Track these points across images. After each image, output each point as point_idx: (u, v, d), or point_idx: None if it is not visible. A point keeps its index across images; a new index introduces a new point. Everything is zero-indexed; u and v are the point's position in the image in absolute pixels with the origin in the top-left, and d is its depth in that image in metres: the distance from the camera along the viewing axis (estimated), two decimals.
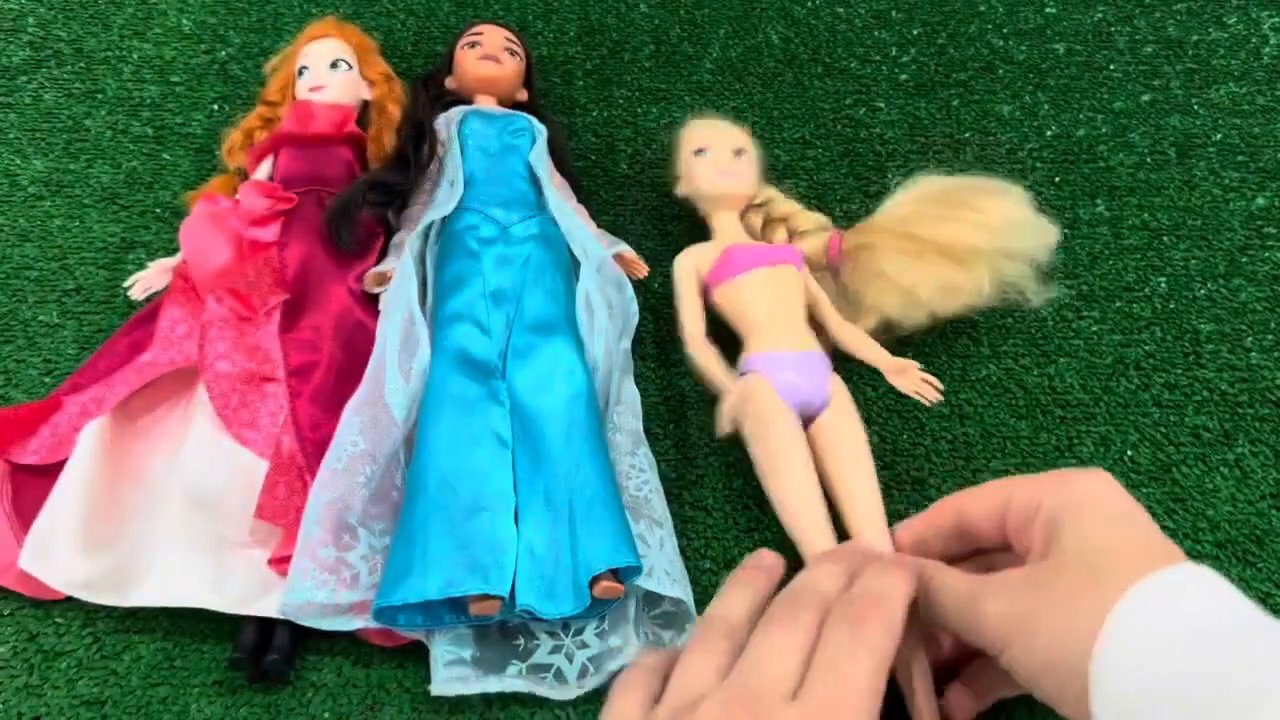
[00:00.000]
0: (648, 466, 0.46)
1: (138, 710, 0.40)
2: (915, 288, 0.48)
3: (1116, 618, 0.28)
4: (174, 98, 0.66)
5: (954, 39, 0.68)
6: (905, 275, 0.48)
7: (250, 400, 0.47)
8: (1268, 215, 0.57)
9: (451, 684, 0.40)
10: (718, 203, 0.54)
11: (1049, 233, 0.50)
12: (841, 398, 0.46)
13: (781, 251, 0.51)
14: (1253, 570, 0.44)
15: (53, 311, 0.54)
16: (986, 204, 0.48)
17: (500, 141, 0.56)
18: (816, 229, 0.54)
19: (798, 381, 0.45)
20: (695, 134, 0.56)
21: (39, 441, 0.46)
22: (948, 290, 0.49)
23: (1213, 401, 0.50)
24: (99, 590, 0.41)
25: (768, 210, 0.55)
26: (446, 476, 0.42)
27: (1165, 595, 0.28)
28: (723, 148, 0.54)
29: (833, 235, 0.53)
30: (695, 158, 0.54)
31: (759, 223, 0.55)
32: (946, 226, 0.48)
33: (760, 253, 0.51)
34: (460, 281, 0.50)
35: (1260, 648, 0.26)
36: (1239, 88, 0.63)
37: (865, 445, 0.45)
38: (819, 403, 0.46)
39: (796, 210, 0.55)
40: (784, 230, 0.54)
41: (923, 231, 0.48)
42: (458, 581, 0.39)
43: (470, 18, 0.70)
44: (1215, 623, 0.27)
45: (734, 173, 0.53)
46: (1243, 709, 0.25)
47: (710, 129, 0.56)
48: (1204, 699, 0.26)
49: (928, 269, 0.48)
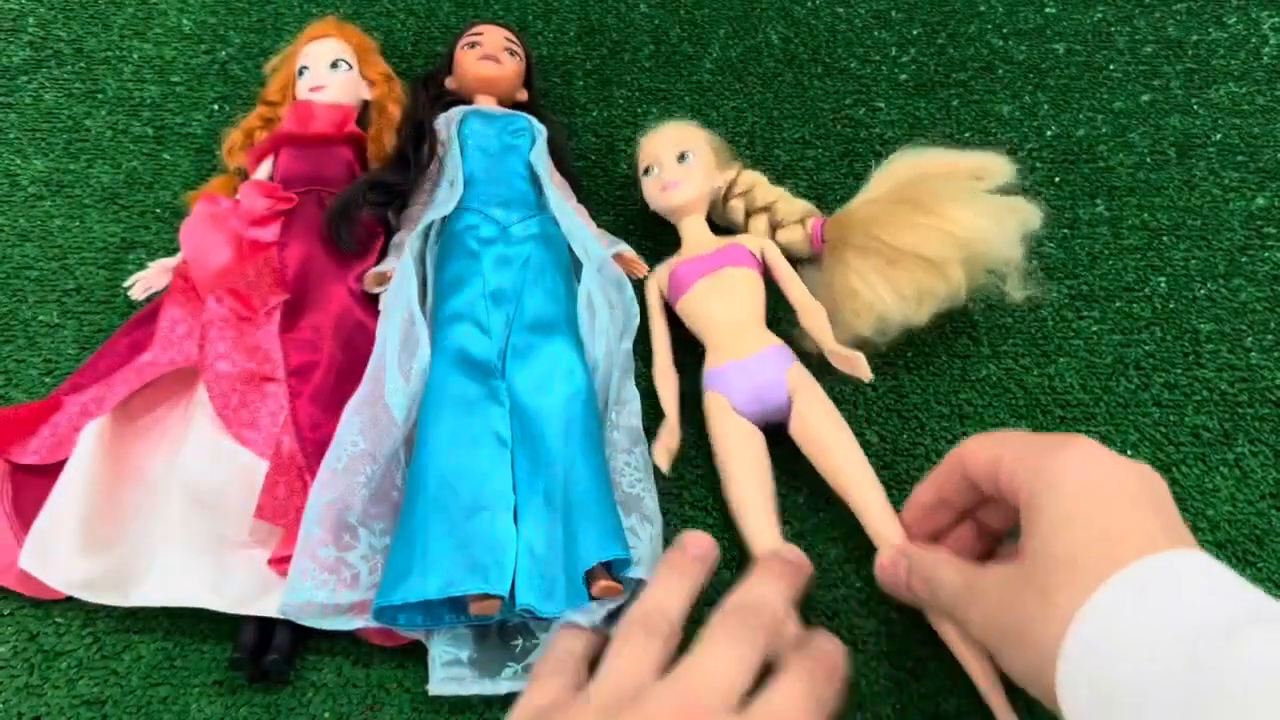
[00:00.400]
0: (642, 465, 0.46)
1: (138, 710, 0.40)
2: (887, 302, 0.47)
3: (1078, 624, 0.28)
4: (174, 98, 0.66)
5: (954, 39, 0.68)
6: (877, 290, 0.48)
7: (250, 400, 0.47)
8: (1268, 215, 0.57)
9: (448, 684, 0.40)
10: (673, 215, 0.54)
11: (1026, 222, 0.49)
12: (803, 387, 0.46)
13: (720, 255, 0.50)
14: (1253, 570, 0.44)
15: (53, 311, 0.54)
16: (955, 212, 0.47)
17: (500, 141, 0.56)
18: (799, 218, 0.53)
19: (749, 386, 0.46)
20: (643, 151, 0.55)
21: (39, 441, 0.46)
22: (921, 297, 0.48)
23: (1213, 401, 0.50)
24: (99, 590, 0.42)
25: (749, 198, 0.54)
26: (446, 476, 0.42)
27: (1127, 595, 0.28)
28: (667, 157, 0.53)
29: (815, 223, 0.52)
30: (644, 177, 0.54)
31: (741, 211, 0.55)
32: (915, 235, 0.47)
33: (700, 263, 0.50)
34: (460, 281, 0.50)
35: (1208, 648, 0.25)
36: (1239, 88, 0.63)
37: (840, 430, 0.45)
38: (780, 398, 0.46)
39: (779, 198, 0.54)
40: (766, 219, 0.54)
41: (894, 240, 0.47)
42: (458, 581, 0.39)
43: (470, 18, 0.70)
44: (1171, 624, 0.27)
45: (676, 183, 0.52)
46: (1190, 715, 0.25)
47: (654, 141, 0.55)
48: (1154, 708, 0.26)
49: (901, 276, 0.47)
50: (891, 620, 0.43)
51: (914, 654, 0.42)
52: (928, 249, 0.47)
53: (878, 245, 0.48)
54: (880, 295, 0.48)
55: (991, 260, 0.48)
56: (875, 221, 0.49)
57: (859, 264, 0.49)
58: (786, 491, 0.46)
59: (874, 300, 0.48)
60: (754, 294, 0.50)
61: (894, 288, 0.48)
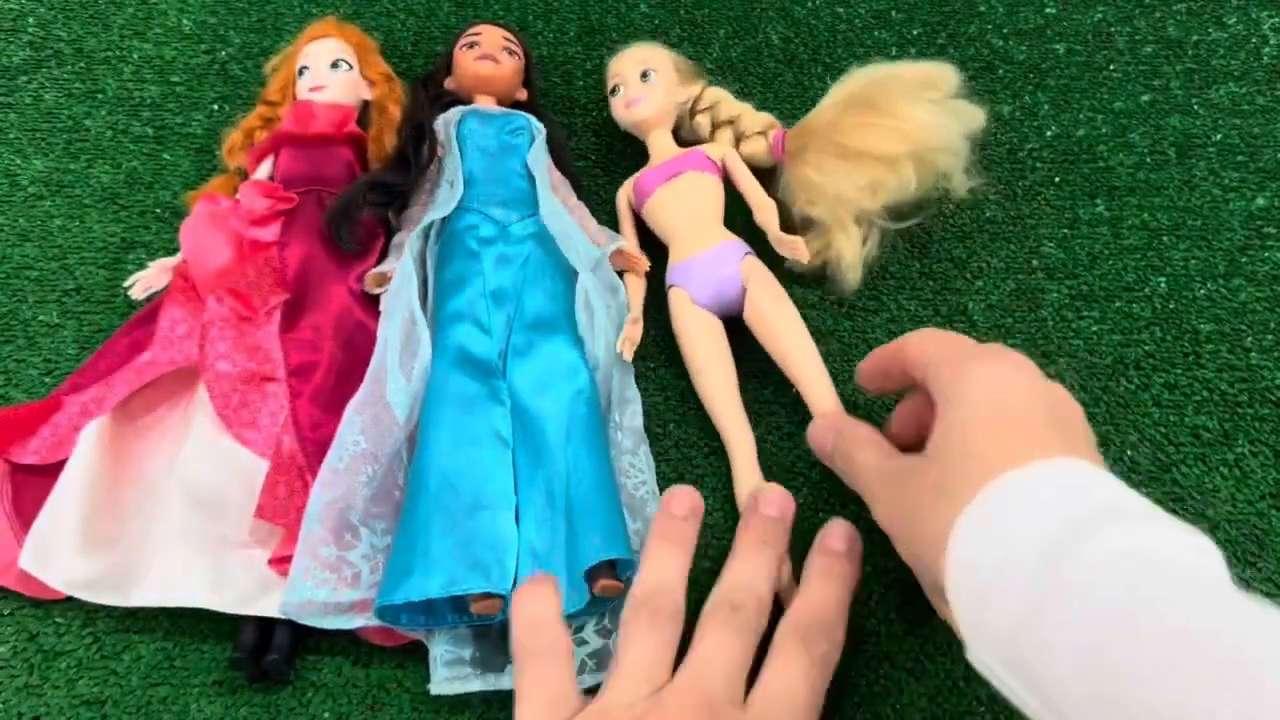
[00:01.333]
0: (646, 467, 0.46)
1: (138, 710, 0.40)
2: (842, 186, 0.51)
3: (963, 519, 0.29)
4: (174, 98, 0.66)
5: (954, 39, 0.68)
6: (833, 176, 0.51)
7: (251, 400, 0.47)
8: (1268, 215, 0.57)
9: (451, 683, 0.40)
10: (639, 129, 0.57)
11: (971, 121, 0.52)
12: (756, 276, 0.49)
13: (676, 163, 0.54)
14: (1253, 570, 0.44)
15: (53, 311, 0.54)
16: (902, 109, 0.50)
17: (499, 141, 0.56)
18: (761, 129, 0.56)
19: (708, 278, 0.49)
20: (610, 71, 0.58)
21: (39, 441, 0.46)
22: (874, 188, 0.51)
23: (1212, 401, 0.50)
24: (99, 590, 0.42)
25: (713, 113, 0.57)
26: (448, 475, 0.42)
27: (1015, 495, 0.28)
28: (631, 75, 0.56)
29: (776, 133, 0.55)
30: (611, 97, 0.58)
31: (707, 125, 0.58)
32: (866, 134, 0.50)
33: (658, 171, 0.54)
34: (460, 281, 0.50)
35: (1062, 544, 0.26)
36: (1239, 88, 0.63)
37: (788, 314, 0.48)
38: (735, 290, 0.49)
39: (742, 111, 0.57)
40: (730, 132, 0.57)
41: (845, 140, 0.51)
42: (459, 580, 0.39)
43: (470, 18, 0.70)
44: (1041, 522, 0.27)
45: (639, 99, 0.56)
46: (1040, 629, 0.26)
47: (620, 60, 0.58)
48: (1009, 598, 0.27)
49: (852, 170, 0.51)
50: (891, 620, 0.43)
51: (914, 654, 0.42)
52: (880, 146, 0.50)
53: (833, 146, 0.51)
54: (835, 181, 0.51)
55: (938, 155, 0.51)
56: (832, 126, 0.52)
57: (816, 160, 0.52)
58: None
59: (827, 185, 0.51)
60: (712, 196, 0.53)
61: (849, 177, 0.51)
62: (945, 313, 0.54)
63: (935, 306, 0.54)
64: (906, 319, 0.54)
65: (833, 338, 0.53)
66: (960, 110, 0.53)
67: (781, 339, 0.48)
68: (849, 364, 0.52)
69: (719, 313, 0.50)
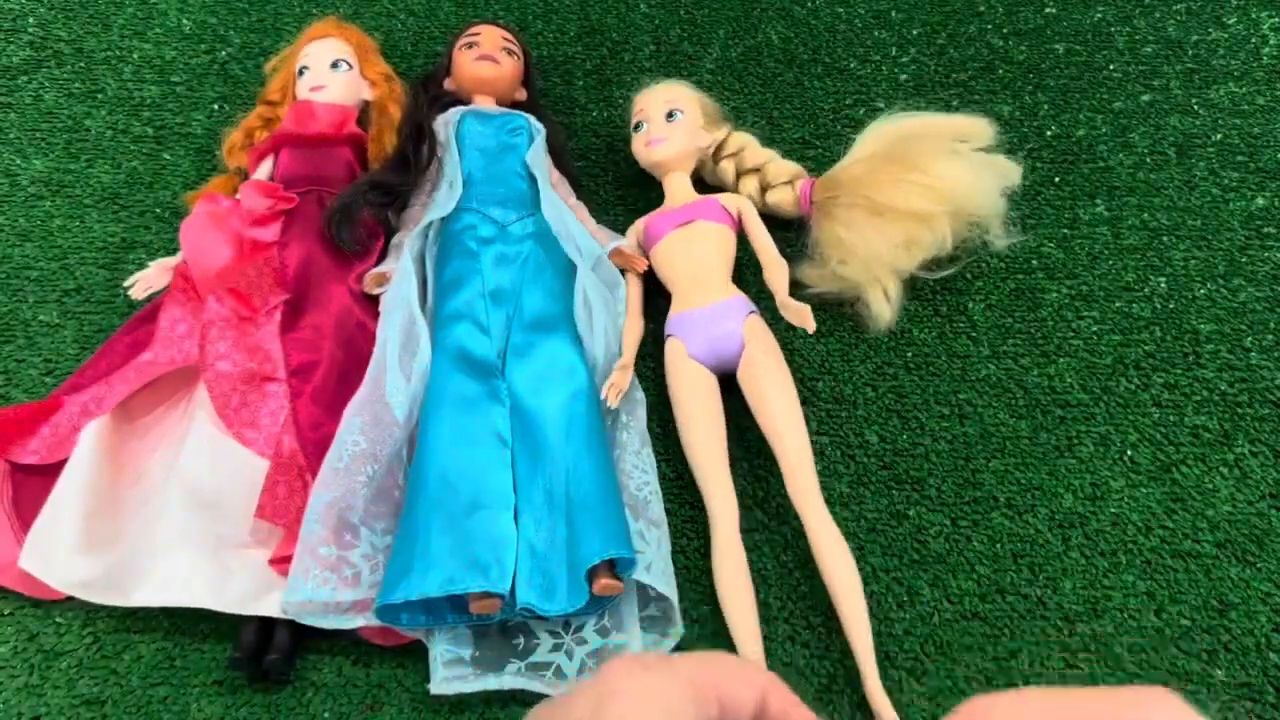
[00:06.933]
0: (650, 468, 0.46)
1: (138, 710, 0.40)
2: (874, 245, 0.49)
3: None
4: (174, 98, 0.66)
5: (954, 39, 0.68)
6: (864, 234, 0.50)
7: (251, 400, 0.47)
8: (1267, 215, 0.57)
9: (451, 683, 0.40)
10: (658, 169, 0.56)
11: (1006, 177, 0.51)
12: (757, 336, 0.48)
13: (692, 209, 0.52)
14: (1252, 570, 0.44)
15: (53, 311, 0.54)
16: (936, 167, 0.49)
17: (497, 140, 0.56)
18: (788, 179, 0.55)
19: (706, 334, 0.48)
20: (635, 107, 0.57)
21: (39, 441, 0.46)
22: (909, 245, 0.50)
23: (1212, 401, 0.50)
24: (99, 590, 0.42)
25: (738, 160, 0.56)
26: (447, 474, 0.42)
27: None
28: (656, 114, 0.55)
29: (804, 184, 0.54)
30: (634, 133, 0.56)
31: (731, 171, 0.56)
32: (899, 190, 0.49)
33: (670, 216, 0.53)
34: (459, 281, 0.50)
35: None
36: (1239, 88, 0.63)
37: (784, 383, 0.46)
38: (734, 347, 0.48)
39: (769, 159, 0.56)
40: (756, 181, 0.55)
41: (877, 196, 0.50)
42: (458, 579, 0.39)
43: (470, 18, 0.70)
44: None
45: (661, 139, 0.55)
46: None
47: (646, 97, 0.57)
48: None
49: (885, 227, 0.50)
50: (891, 620, 0.43)
51: (914, 654, 0.42)
52: (915, 203, 0.49)
53: (865, 202, 0.50)
54: (867, 239, 0.50)
55: (974, 212, 0.51)
56: (862, 181, 0.51)
57: (846, 217, 0.51)
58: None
59: (859, 244, 0.50)
60: (722, 248, 0.52)
61: (882, 235, 0.50)
62: (945, 313, 0.54)
63: (935, 306, 0.54)
64: (906, 319, 0.54)
65: (833, 338, 0.53)
66: (996, 165, 0.51)
67: (770, 404, 0.46)
68: (849, 364, 0.52)
69: (715, 368, 0.48)
